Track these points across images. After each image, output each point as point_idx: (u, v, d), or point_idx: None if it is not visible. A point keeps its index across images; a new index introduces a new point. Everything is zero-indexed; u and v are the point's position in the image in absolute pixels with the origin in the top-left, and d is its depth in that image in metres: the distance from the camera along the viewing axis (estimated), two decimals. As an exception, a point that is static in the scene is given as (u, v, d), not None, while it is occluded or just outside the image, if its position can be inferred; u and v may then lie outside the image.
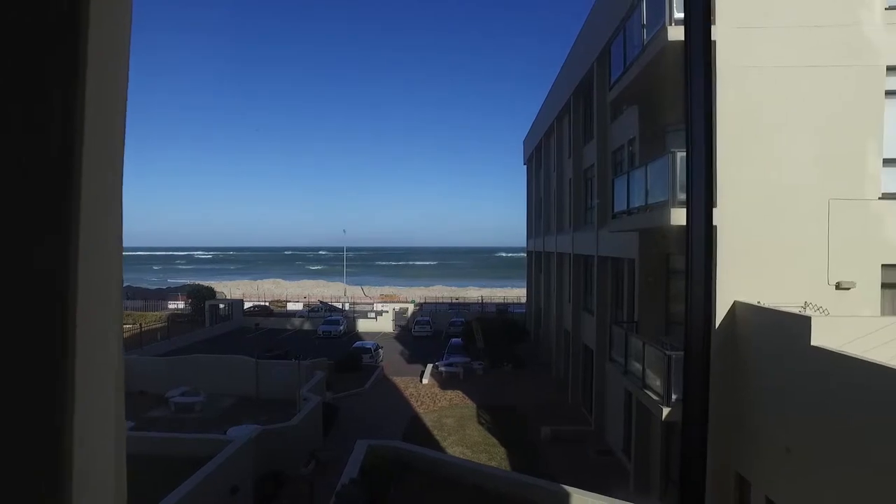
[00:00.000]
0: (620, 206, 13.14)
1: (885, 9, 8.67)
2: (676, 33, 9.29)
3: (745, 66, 8.90)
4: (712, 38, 9.07)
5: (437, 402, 22.23)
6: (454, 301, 53.75)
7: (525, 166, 36.24)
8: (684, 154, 7.63)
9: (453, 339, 31.43)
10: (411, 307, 49.87)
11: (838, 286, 8.78)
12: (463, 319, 38.86)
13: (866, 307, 8.63)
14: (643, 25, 10.60)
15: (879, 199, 8.74)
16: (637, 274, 13.95)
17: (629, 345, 12.66)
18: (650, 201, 11.01)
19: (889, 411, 5.77)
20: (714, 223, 9.34)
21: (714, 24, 9.25)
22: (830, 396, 6.83)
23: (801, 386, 7.44)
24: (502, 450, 17.09)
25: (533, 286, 33.17)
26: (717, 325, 9.40)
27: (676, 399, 10.07)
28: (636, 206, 11.92)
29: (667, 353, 10.38)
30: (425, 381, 25.19)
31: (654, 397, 10.74)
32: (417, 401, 22.34)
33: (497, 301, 52.40)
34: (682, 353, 10.15)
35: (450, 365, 26.44)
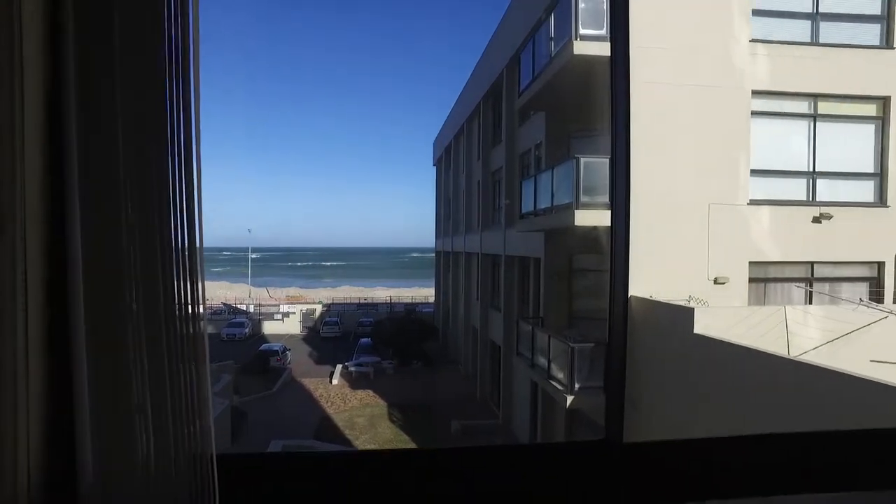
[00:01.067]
0: (528, 207, 13.91)
1: (749, 41, 9.93)
2: (581, 48, 10.07)
3: (643, 81, 9.83)
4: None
5: (347, 402, 22.19)
6: (362, 301, 53.47)
7: (435, 167, 36.86)
8: (588, 160, 8.36)
9: (363, 340, 31.37)
10: (319, 308, 49.06)
11: (716, 281, 9.91)
12: (372, 319, 38.79)
13: (738, 299, 9.81)
14: (551, 38, 11.34)
15: (748, 204, 9.98)
16: (543, 272, 14.77)
17: (536, 339, 13.41)
18: (556, 203, 11.79)
19: (754, 384, 6.69)
20: (611, 224, 10.20)
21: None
22: (711, 376, 7.76)
23: (686, 368, 8.37)
24: (414, 446, 17.43)
25: (442, 285, 33.83)
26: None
27: (579, 388, 10.86)
28: (543, 207, 12.69)
29: (570, 345, 11.16)
30: (335, 381, 25.02)
31: (559, 387, 11.50)
32: (328, 402, 22.18)
33: (406, 301, 52.72)
34: (584, 345, 10.98)
35: (360, 365, 26.43)
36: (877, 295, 10.16)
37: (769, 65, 10.12)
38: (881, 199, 10.36)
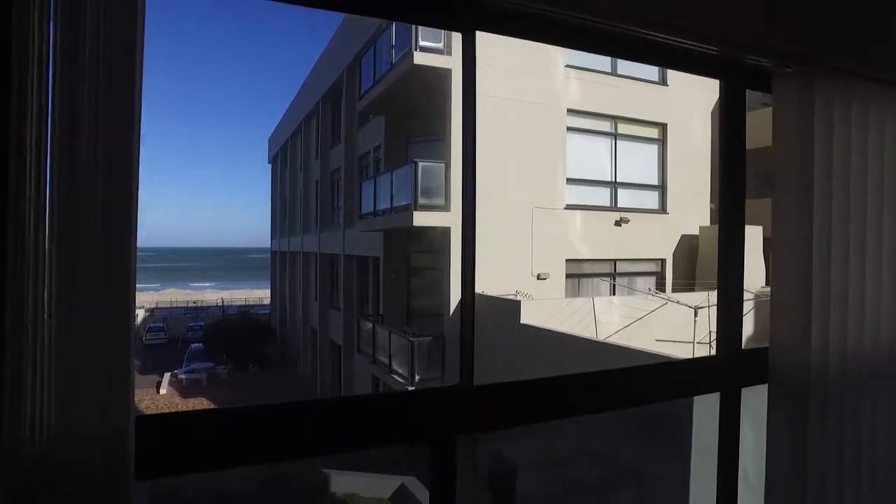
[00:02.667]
0: (367, 208, 14.22)
1: (565, 66, 11.36)
2: (421, 58, 10.68)
3: (480, 94, 10.67)
4: (450, 68, 10.69)
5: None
6: (191, 305, 49.64)
7: (270, 165, 35.59)
8: (426, 164, 8.99)
9: (193, 345, 29.31)
10: (142, 314, 44.55)
11: (538, 277, 11.14)
12: (203, 324, 36.31)
13: (557, 292, 11.15)
14: (392, 46, 11.81)
15: (564, 209, 11.38)
16: (382, 271, 15.18)
17: (376, 336, 13.81)
18: (395, 204, 12.26)
19: (570, 363, 7.77)
20: (448, 225, 10.98)
21: (451, 54, 10.90)
22: (535, 358, 8.79)
23: (515, 354, 9.35)
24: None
25: (279, 286, 32.80)
26: (451, 312, 11.05)
27: (419, 379, 11.47)
28: (382, 208, 13.09)
29: (410, 340, 11.74)
30: (163, 391, 23.11)
31: (401, 380, 12.01)
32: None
33: (239, 303, 50.02)
34: (423, 339, 11.58)
35: (191, 371, 24.71)
36: (661, 286, 12.19)
37: (580, 88, 11.63)
38: (663, 207, 12.46)
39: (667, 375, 2.22)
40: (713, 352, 4.01)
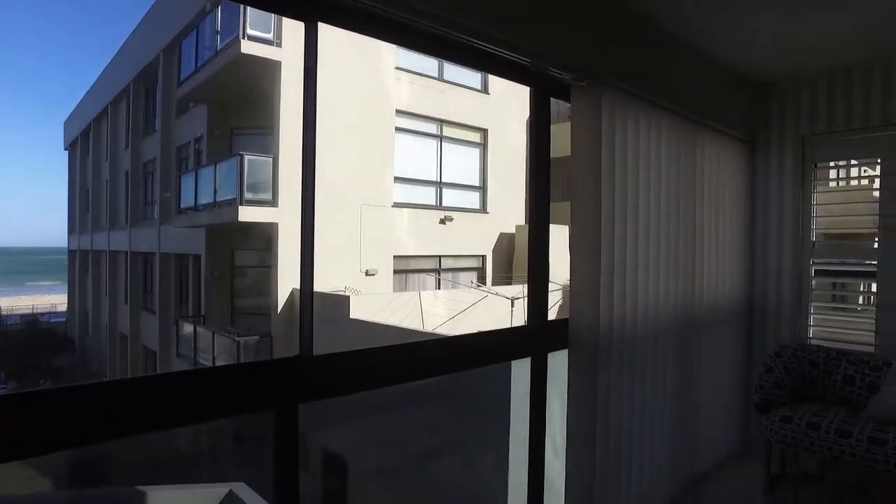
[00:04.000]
0: (188, 202, 13.31)
1: (395, 67, 11.78)
2: (249, 48, 10.31)
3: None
4: (280, 60, 10.47)
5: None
6: (-43, 316, 41.63)
7: (67, 151, 31.34)
8: (253, 157, 8.80)
9: (-38, 361, 24.74)
10: None
11: (367, 273, 11.39)
12: (-25, 337, 30.75)
13: (385, 287, 11.49)
14: (217, 31, 11.22)
15: (392, 206, 11.78)
16: (204, 269, 14.33)
17: (198, 338, 13.01)
18: (219, 199, 11.67)
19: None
20: (276, 221, 10.76)
21: (281, 46, 10.68)
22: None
23: (347, 349, 9.48)
24: (46, 479, 14.78)
25: (77, 290, 29.04)
26: (279, 310, 10.85)
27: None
28: (204, 203, 12.37)
29: (236, 340, 11.27)
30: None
31: (224, 382, 11.47)
32: None
33: (24, 311, 43.17)
34: (250, 338, 11.19)
35: (-43, 393, 20.81)
36: (482, 280, 13.17)
37: (409, 90, 12.13)
38: (483, 207, 13.47)
39: (486, 343, 2.57)
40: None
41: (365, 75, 11.28)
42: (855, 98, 3.74)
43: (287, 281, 10.84)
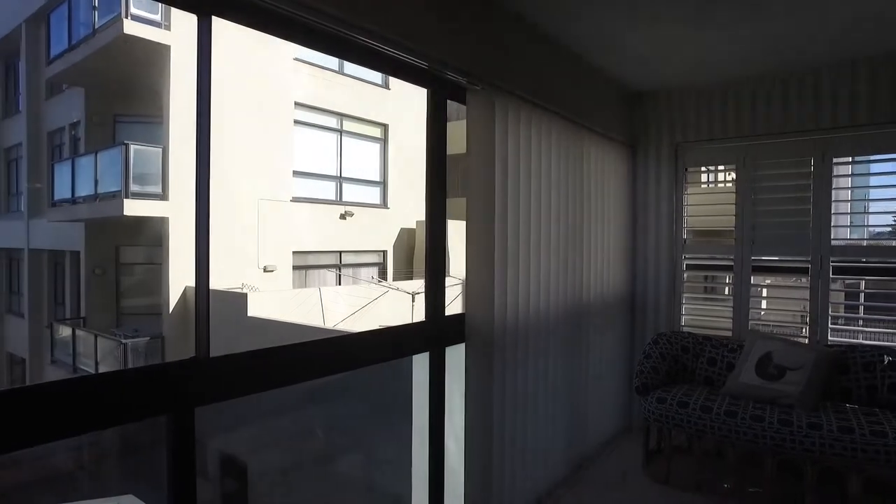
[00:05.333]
0: (63, 194, 12.25)
1: (294, 59, 11.47)
2: (133, 28, 9.61)
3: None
4: (169, 44, 9.86)
5: None
6: None
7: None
8: (140, 147, 8.25)
9: None
10: None
11: (265, 269, 11.06)
12: None
13: (284, 284, 11.22)
14: (94, 7, 10.36)
15: (291, 201, 11.50)
16: (83, 267, 13.24)
17: (77, 342, 12.03)
18: (101, 191, 10.83)
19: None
20: (166, 215, 10.18)
21: (170, 30, 10.05)
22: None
23: (245, 348, 9.16)
24: None
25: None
26: (171, 309, 10.28)
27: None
28: (84, 195, 11.44)
29: (122, 342, 10.54)
30: None
31: (107, 388, 10.69)
32: None
33: None
34: (138, 339, 10.51)
35: None
36: (383, 275, 13.20)
37: (309, 82, 11.86)
38: (384, 202, 13.49)
39: (384, 339, 2.62)
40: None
41: (262, 64, 10.90)
42: (718, 111, 4.22)
43: (179, 278, 10.29)
